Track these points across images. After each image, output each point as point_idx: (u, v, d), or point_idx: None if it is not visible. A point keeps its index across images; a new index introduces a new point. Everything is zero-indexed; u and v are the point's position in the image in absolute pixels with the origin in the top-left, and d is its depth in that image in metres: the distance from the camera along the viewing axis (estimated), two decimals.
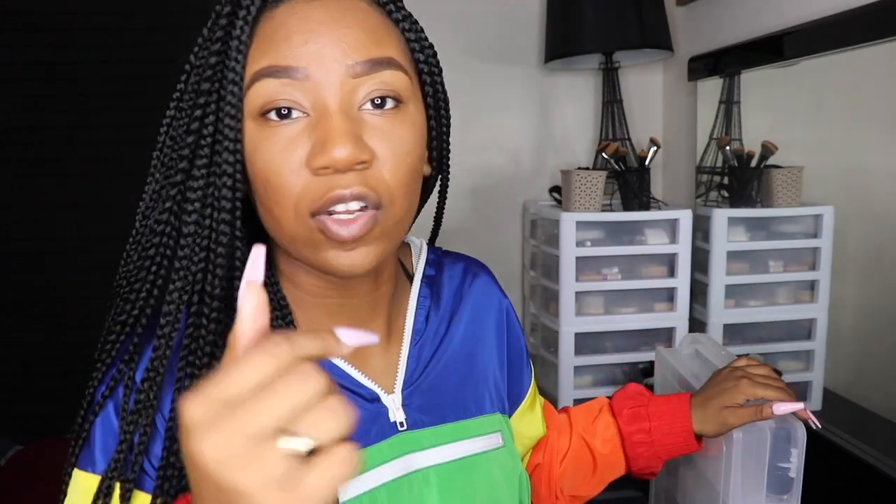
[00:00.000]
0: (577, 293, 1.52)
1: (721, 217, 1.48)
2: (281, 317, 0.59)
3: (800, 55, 1.27)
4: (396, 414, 0.62)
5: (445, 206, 0.70)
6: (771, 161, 1.41)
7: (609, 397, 0.84)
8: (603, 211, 1.55)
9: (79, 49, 1.89)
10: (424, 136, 0.59)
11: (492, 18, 1.88)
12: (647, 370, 1.46)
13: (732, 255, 1.47)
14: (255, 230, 0.58)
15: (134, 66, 1.90)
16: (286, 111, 0.52)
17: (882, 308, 1.19)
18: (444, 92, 0.63)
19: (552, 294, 1.58)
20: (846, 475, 1.15)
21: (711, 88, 1.59)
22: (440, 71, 0.62)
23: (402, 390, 0.63)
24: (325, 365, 0.48)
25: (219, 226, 0.54)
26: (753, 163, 1.44)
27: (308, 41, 0.52)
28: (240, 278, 0.53)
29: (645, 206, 1.58)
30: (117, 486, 0.54)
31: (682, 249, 1.53)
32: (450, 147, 0.65)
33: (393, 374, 0.63)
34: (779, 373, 1.30)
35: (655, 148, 1.58)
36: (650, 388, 0.92)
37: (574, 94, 1.92)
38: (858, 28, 1.11)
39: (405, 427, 0.61)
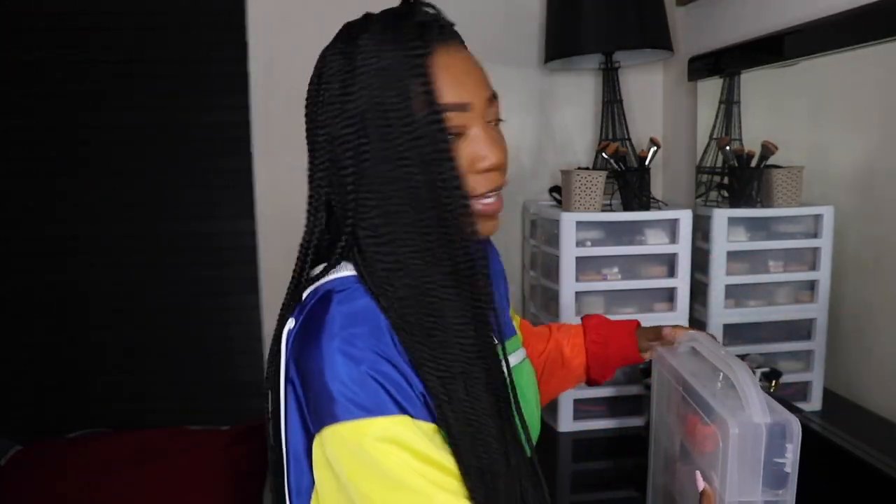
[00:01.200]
0: (577, 293, 1.52)
1: (721, 217, 1.48)
2: None
3: (800, 55, 1.27)
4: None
5: None
6: (771, 161, 1.41)
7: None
8: (603, 211, 1.56)
9: (79, 49, 1.89)
10: None
11: (491, 18, 1.88)
12: (646, 370, 1.46)
13: (732, 255, 1.47)
14: None
15: (133, 67, 1.90)
16: (458, 132, 0.73)
17: (882, 308, 1.19)
18: None
19: (552, 294, 1.58)
20: (846, 475, 1.15)
21: (711, 88, 1.59)
22: None
23: None
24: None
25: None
26: (753, 163, 1.44)
27: (468, 83, 0.74)
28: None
29: (645, 206, 1.58)
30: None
31: (682, 249, 1.53)
32: None
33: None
34: (778, 374, 1.30)
35: (655, 148, 1.58)
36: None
37: (574, 94, 1.92)
38: (858, 28, 1.11)
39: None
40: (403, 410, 0.65)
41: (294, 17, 1.84)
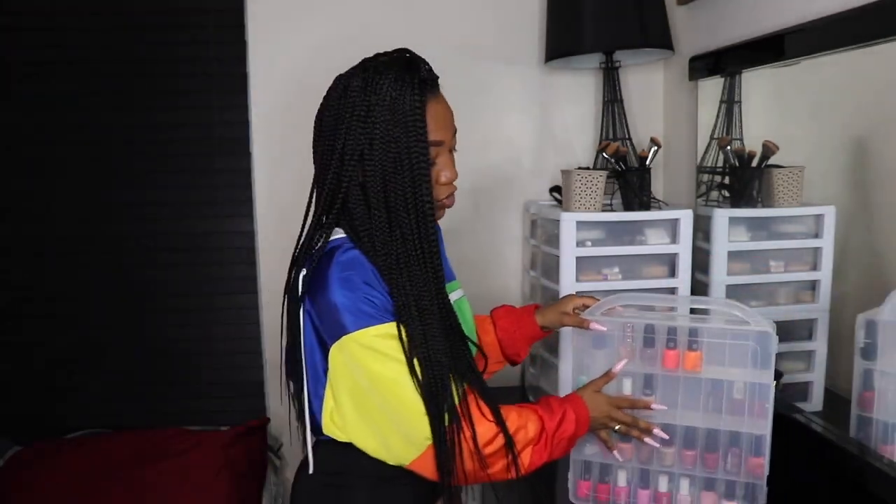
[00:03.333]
0: (578, 293, 1.52)
1: (722, 217, 1.48)
2: None
3: (800, 55, 1.27)
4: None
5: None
6: (772, 161, 1.40)
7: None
8: (603, 211, 1.55)
9: (78, 49, 1.89)
10: None
11: (492, 18, 1.88)
12: None
13: (733, 255, 1.47)
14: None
15: (133, 66, 1.91)
16: (433, 161, 1.04)
17: None
18: None
19: (552, 294, 1.58)
20: (847, 475, 1.15)
21: (712, 88, 1.59)
22: None
23: None
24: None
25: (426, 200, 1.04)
26: (754, 163, 1.44)
27: (445, 126, 1.05)
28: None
29: (645, 206, 1.57)
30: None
31: (683, 249, 1.52)
32: None
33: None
34: (780, 374, 1.30)
35: (656, 148, 1.58)
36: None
37: (574, 93, 1.92)
38: (858, 28, 1.10)
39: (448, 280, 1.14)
40: (386, 319, 0.99)
41: (294, 17, 1.84)
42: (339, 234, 1.05)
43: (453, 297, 1.15)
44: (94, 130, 1.92)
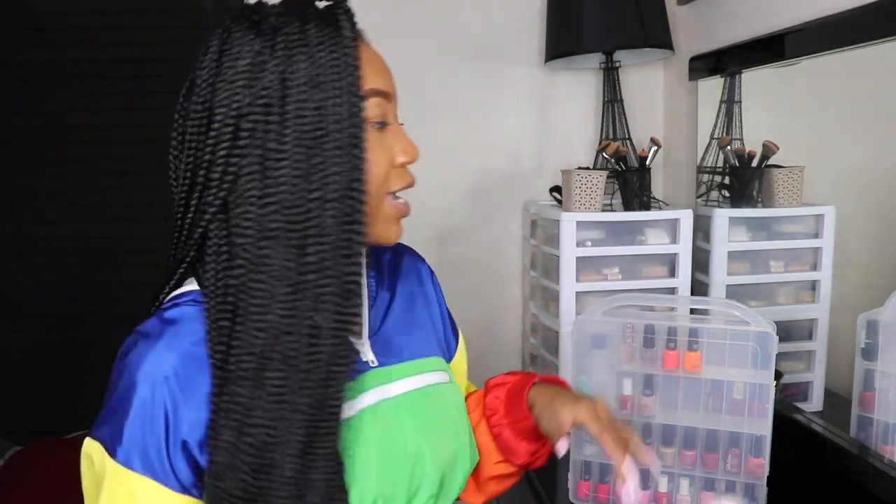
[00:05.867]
0: (578, 293, 1.52)
1: (722, 217, 1.47)
2: None
3: (801, 55, 1.27)
4: (368, 355, 0.76)
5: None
6: (772, 161, 1.40)
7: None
8: (603, 211, 1.55)
9: (77, 49, 1.89)
10: None
11: (492, 18, 1.87)
12: None
13: (733, 256, 1.47)
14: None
15: (132, 66, 1.90)
16: (383, 123, 0.71)
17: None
18: None
19: (552, 294, 1.58)
20: (846, 475, 1.15)
21: (712, 88, 1.59)
22: None
23: (369, 338, 0.77)
24: None
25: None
26: (754, 163, 1.44)
27: (387, 74, 0.73)
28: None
29: (645, 206, 1.57)
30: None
31: (683, 249, 1.52)
32: None
33: (360, 328, 0.75)
34: (780, 374, 1.30)
35: (656, 148, 1.58)
36: None
37: (574, 93, 1.92)
38: (858, 28, 1.10)
39: (376, 364, 0.76)
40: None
41: None
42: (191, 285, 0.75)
43: (407, 385, 0.77)
44: (93, 130, 1.92)
